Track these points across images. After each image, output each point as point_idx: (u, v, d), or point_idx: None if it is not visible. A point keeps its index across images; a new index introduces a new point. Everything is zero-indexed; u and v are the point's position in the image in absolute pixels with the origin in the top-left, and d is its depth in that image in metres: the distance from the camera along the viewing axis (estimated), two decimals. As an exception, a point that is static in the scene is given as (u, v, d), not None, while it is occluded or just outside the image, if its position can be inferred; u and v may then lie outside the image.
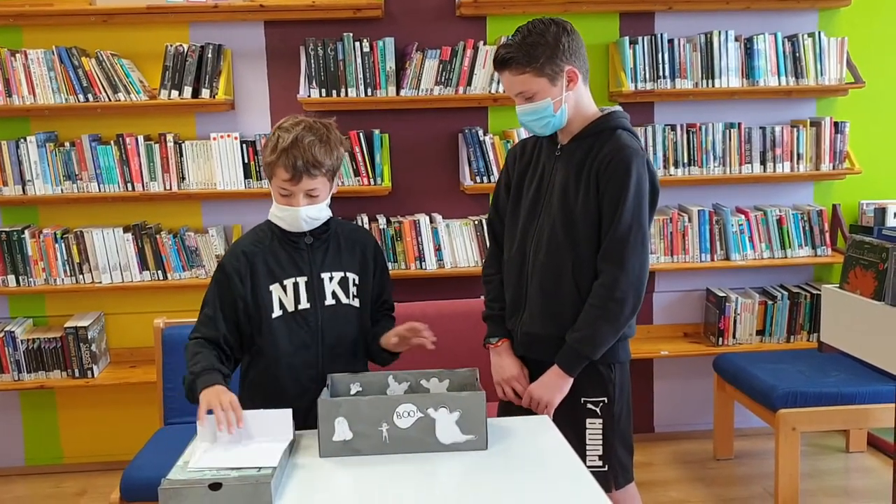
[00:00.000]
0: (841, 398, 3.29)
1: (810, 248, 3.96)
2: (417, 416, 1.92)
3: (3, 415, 3.91)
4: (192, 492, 1.69)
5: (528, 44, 2.19)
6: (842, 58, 3.86)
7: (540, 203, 2.32)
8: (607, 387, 2.32)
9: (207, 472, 1.76)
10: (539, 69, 2.20)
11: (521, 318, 2.36)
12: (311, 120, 2.19)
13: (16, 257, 3.65)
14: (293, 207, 2.16)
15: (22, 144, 3.61)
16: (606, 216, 2.21)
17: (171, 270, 3.71)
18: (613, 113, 2.31)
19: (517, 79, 2.22)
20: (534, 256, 2.32)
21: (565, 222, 2.26)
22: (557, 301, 2.29)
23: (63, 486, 3.80)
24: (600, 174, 2.22)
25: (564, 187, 2.27)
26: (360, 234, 2.35)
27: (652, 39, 3.76)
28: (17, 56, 3.57)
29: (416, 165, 3.91)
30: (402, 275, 3.74)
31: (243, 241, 2.29)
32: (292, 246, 2.23)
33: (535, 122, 2.26)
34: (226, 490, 1.69)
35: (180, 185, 3.70)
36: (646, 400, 4.16)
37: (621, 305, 2.21)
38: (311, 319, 2.21)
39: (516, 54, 2.20)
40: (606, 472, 2.33)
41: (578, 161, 2.26)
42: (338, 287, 2.24)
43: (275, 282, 2.20)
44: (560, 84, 2.22)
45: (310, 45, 3.64)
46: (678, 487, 3.64)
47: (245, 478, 1.73)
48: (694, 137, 3.85)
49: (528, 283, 2.33)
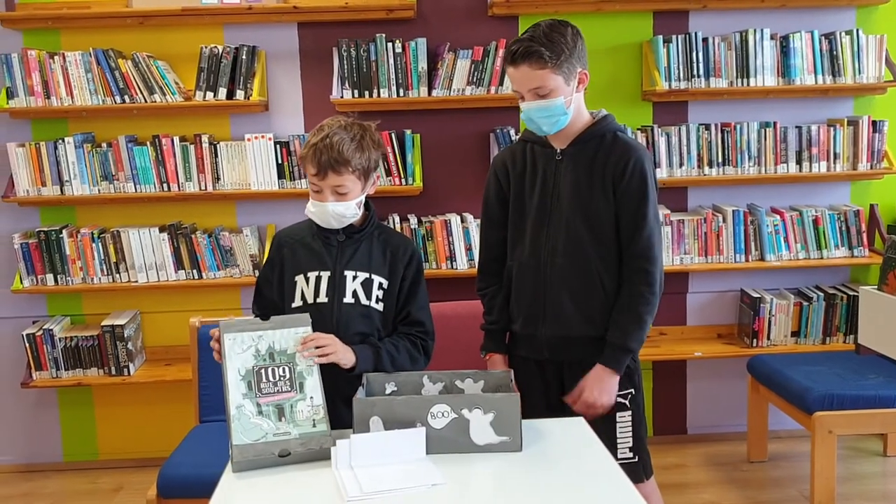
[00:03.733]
0: (879, 401, 3.24)
1: (847, 249, 3.91)
2: (452, 417, 1.93)
3: (41, 412, 3.97)
4: (264, 460, 1.88)
5: (551, 41, 2.20)
6: (880, 55, 3.80)
7: (547, 208, 2.34)
8: (633, 377, 2.38)
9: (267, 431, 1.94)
10: (558, 67, 2.22)
11: (545, 324, 2.36)
12: (351, 120, 2.22)
13: (54, 257, 3.71)
14: (322, 203, 2.19)
15: (60, 145, 3.67)
16: (630, 216, 2.29)
17: (205, 270, 3.75)
18: (609, 116, 2.37)
19: (536, 73, 2.21)
20: (551, 260, 2.33)
21: (585, 224, 2.30)
22: (588, 303, 2.32)
23: (99, 483, 3.85)
24: (616, 177, 2.29)
25: (576, 189, 2.31)
26: (398, 241, 2.34)
27: (686, 38, 3.73)
28: (55, 58, 3.63)
29: (447, 165, 3.91)
30: (433, 274, 3.74)
31: (284, 230, 2.38)
32: (324, 241, 2.27)
33: (545, 119, 2.27)
34: (294, 456, 1.88)
35: (215, 185, 3.74)
36: (679, 401, 4.13)
37: (657, 297, 2.31)
38: (327, 314, 2.22)
39: (541, 49, 2.19)
40: (636, 462, 2.36)
41: (587, 164, 2.31)
42: (360, 287, 2.25)
43: (300, 273, 2.26)
44: (572, 85, 2.27)
45: (342, 45, 3.66)
46: (711, 490, 3.60)
47: (306, 438, 1.93)
48: (728, 137, 3.82)
49: (548, 288, 2.34)
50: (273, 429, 1.95)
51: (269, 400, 1.98)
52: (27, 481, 3.88)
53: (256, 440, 1.93)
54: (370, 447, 1.89)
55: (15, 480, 3.90)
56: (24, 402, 3.95)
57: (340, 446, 1.88)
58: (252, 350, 2.02)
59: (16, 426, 3.98)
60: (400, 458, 1.90)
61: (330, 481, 1.82)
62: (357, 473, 1.84)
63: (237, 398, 1.97)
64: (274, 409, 1.97)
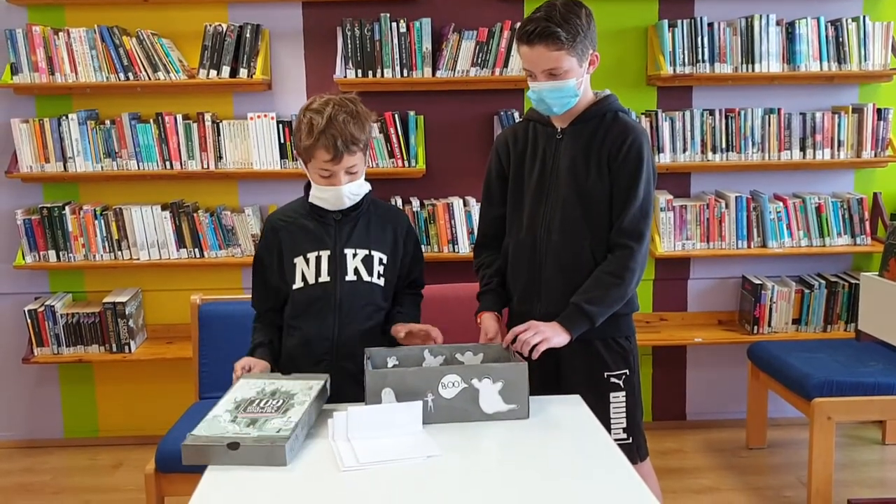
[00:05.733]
0: (878, 388, 3.24)
1: (849, 237, 3.90)
2: (462, 387, 1.98)
3: (42, 388, 3.99)
4: (213, 450, 1.76)
5: (567, 21, 2.19)
6: (887, 43, 3.79)
7: (545, 186, 2.34)
8: (628, 358, 2.37)
9: (229, 431, 1.82)
10: (573, 48, 2.21)
11: (540, 301, 2.35)
12: (338, 97, 2.20)
13: (56, 233, 3.71)
14: (335, 187, 2.18)
15: (64, 122, 3.67)
16: (622, 193, 2.27)
17: (207, 249, 3.76)
18: (611, 96, 2.37)
19: (552, 54, 2.20)
20: (547, 237, 2.33)
21: (579, 201, 2.30)
22: (580, 280, 2.29)
23: (99, 459, 3.87)
24: (612, 154, 2.28)
25: (572, 168, 2.31)
26: (393, 215, 2.37)
27: (691, 23, 3.72)
28: (59, 35, 3.62)
29: (450, 148, 3.91)
30: (435, 257, 3.75)
31: (275, 214, 2.35)
32: (320, 221, 2.26)
33: (556, 100, 2.26)
34: (243, 449, 1.75)
35: (217, 164, 3.74)
36: (678, 387, 4.14)
37: (633, 275, 2.27)
38: (329, 292, 2.23)
39: (558, 30, 2.17)
40: (631, 444, 2.35)
41: (585, 142, 2.31)
42: (360, 264, 2.25)
43: (298, 255, 2.25)
44: (584, 66, 2.26)
45: (346, 25, 3.64)
46: (709, 475, 3.61)
47: (262, 438, 1.78)
48: (732, 123, 3.81)
49: (544, 265, 2.34)
50: (236, 430, 1.83)
51: (247, 415, 1.90)
52: (28, 457, 3.90)
53: (212, 434, 1.82)
54: (367, 419, 1.90)
55: (15, 456, 3.92)
56: (25, 378, 3.96)
57: (337, 418, 1.89)
58: (258, 389, 2.03)
59: (17, 402, 4.00)
60: (397, 430, 1.91)
61: (327, 452, 1.84)
62: (354, 445, 1.85)
63: (217, 411, 1.92)
64: (248, 420, 1.88)
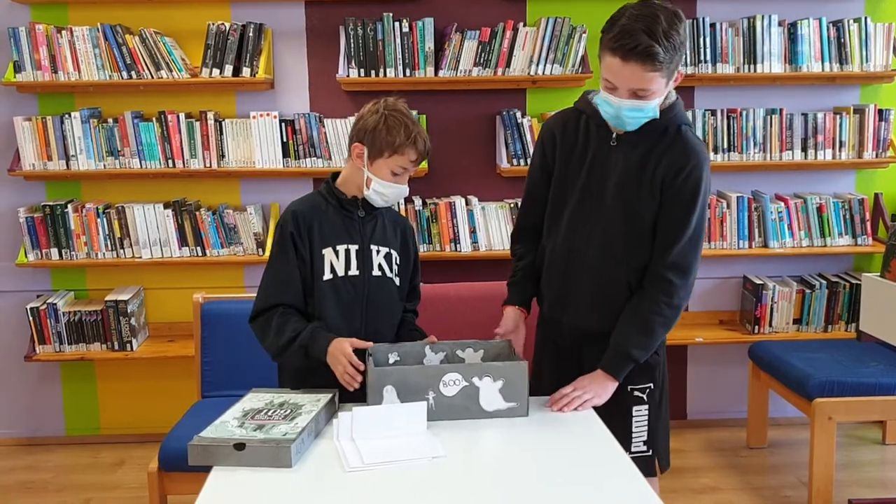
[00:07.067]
0: (879, 388, 3.24)
1: (850, 238, 3.91)
2: (462, 385, 2.01)
3: (44, 385, 4.00)
4: (219, 450, 1.78)
5: (669, 40, 1.98)
6: (888, 44, 3.80)
7: (591, 193, 2.21)
8: (654, 373, 2.29)
9: (236, 433, 1.83)
10: (667, 68, 2.02)
11: (568, 312, 2.29)
12: (396, 100, 2.33)
13: (59, 231, 3.72)
14: (401, 185, 2.26)
15: (66, 120, 3.67)
16: (672, 222, 2.14)
17: (209, 247, 3.76)
18: (677, 104, 2.18)
19: (646, 75, 2.00)
20: (585, 248, 2.22)
21: (624, 220, 2.17)
22: (611, 300, 2.22)
23: (101, 457, 3.87)
24: (667, 178, 2.13)
25: (622, 181, 2.16)
26: (400, 218, 2.44)
27: (693, 23, 3.72)
28: (62, 33, 3.63)
29: (453, 147, 3.91)
30: (437, 256, 3.75)
31: (300, 205, 2.30)
32: (346, 215, 2.28)
33: (634, 119, 2.09)
34: (249, 450, 1.77)
35: (220, 162, 3.74)
36: (679, 387, 4.14)
37: (678, 311, 2.19)
38: (358, 286, 2.25)
39: (661, 51, 1.97)
40: (651, 456, 2.29)
41: (640, 156, 2.15)
42: (383, 261, 2.29)
43: (328, 246, 2.25)
44: (670, 85, 2.10)
45: (349, 24, 3.65)
46: (710, 474, 3.62)
47: (268, 439, 1.79)
48: (734, 123, 3.81)
49: (577, 280, 2.25)
50: (243, 433, 1.84)
51: (254, 422, 1.91)
52: (30, 454, 3.91)
53: (218, 436, 1.83)
54: (372, 420, 1.90)
55: (17, 453, 3.92)
56: (27, 375, 3.97)
57: (342, 418, 1.90)
58: (266, 401, 2.05)
59: (19, 400, 4.00)
60: (402, 430, 1.91)
61: (332, 453, 1.84)
62: (359, 445, 1.85)
63: (225, 417, 1.94)
64: (255, 425, 1.89)
